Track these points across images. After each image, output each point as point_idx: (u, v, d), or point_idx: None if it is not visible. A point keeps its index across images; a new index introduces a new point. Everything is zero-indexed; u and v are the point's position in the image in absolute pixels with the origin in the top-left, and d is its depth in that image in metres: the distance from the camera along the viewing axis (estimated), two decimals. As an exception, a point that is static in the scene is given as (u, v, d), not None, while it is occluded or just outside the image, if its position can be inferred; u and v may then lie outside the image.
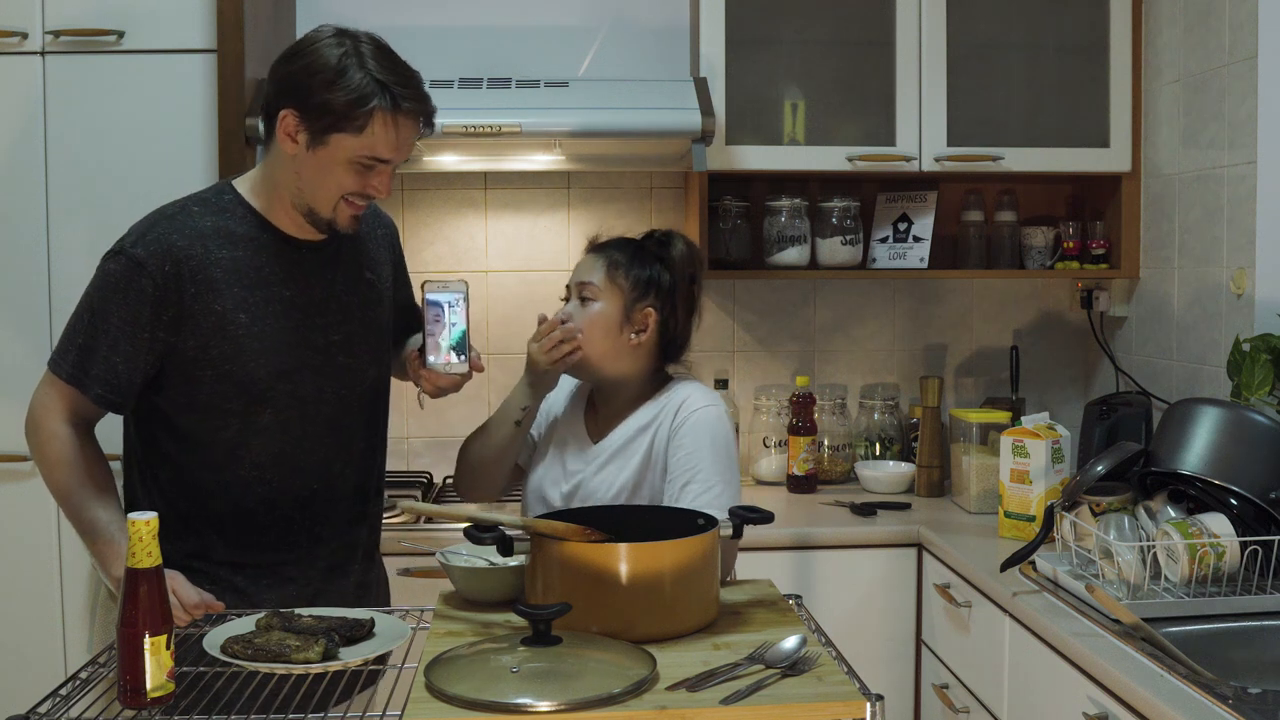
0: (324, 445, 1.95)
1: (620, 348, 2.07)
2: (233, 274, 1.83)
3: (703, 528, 1.66)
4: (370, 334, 1.99)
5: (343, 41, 1.78)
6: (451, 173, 3.27)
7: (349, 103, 1.74)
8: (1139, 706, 1.74)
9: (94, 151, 2.65)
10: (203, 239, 1.82)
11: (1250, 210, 2.59)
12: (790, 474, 3.22)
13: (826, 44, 3.21)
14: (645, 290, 2.07)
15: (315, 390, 1.91)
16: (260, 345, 1.84)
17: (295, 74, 1.78)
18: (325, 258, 1.93)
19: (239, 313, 1.82)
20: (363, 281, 1.99)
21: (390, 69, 1.78)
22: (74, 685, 1.47)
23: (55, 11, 2.63)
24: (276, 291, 1.86)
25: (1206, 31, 2.76)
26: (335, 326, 1.93)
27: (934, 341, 3.45)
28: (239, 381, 1.83)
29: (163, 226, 1.83)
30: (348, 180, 1.80)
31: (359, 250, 1.99)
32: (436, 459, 3.30)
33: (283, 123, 1.78)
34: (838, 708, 1.35)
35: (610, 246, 2.13)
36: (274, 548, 1.93)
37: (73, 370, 1.81)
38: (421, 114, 1.81)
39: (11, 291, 2.66)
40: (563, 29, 3.27)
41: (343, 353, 1.94)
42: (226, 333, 1.81)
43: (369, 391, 2.01)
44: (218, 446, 1.88)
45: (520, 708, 1.30)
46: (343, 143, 1.77)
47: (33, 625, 2.69)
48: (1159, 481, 2.22)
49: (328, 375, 1.92)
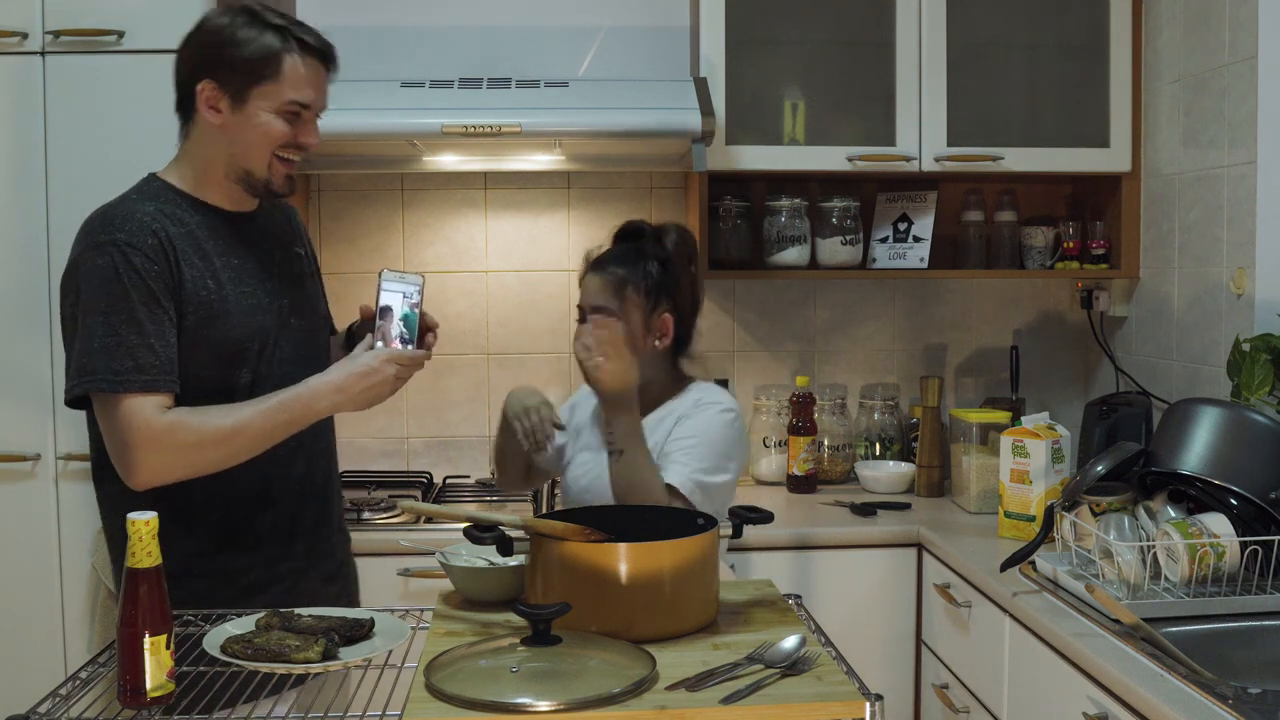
0: None
1: (648, 356, 2.14)
2: (191, 247, 1.87)
3: (702, 527, 1.66)
4: (314, 300, 2.08)
5: (226, 10, 1.89)
6: (451, 173, 3.27)
7: (258, 54, 1.84)
8: (1139, 706, 1.74)
9: (94, 151, 2.65)
10: (158, 217, 1.86)
11: (1250, 210, 2.59)
12: (790, 474, 3.23)
13: (826, 44, 3.21)
14: (658, 297, 2.14)
15: (278, 351, 1.96)
16: (229, 309, 1.89)
17: (200, 47, 1.88)
18: (257, 228, 2.00)
19: (206, 279, 1.87)
20: (293, 254, 2.06)
21: (280, 17, 1.88)
22: (74, 685, 1.47)
23: (55, 11, 2.63)
24: (227, 260, 1.92)
25: (1206, 31, 2.76)
26: (282, 291, 1.99)
27: (934, 341, 3.45)
28: (213, 344, 1.87)
29: (119, 213, 1.85)
30: (275, 132, 1.87)
31: (281, 226, 2.07)
32: (436, 459, 3.30)
33: (202, 96, 1.86)
34: (837, 708, 1.35)
35: (611, 263, 2.17)
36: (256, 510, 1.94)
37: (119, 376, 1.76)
38: (325, 51, 1.90)
39: (12, 291, 2.66)
40: (563, 29, 3.28)
41: (294, 315, 2.00)
42: (200, 299, 1.86)
43: (322, 352, 2.06)
44: None
45: (520, 708, 1.30)
46: (263, 95, 1.85)
47: (33, 625, 2.69)
48: (1159, 481, 2.22)
49: (285, 335, 1.97)
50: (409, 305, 1.90)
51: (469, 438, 3.32)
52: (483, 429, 3.32)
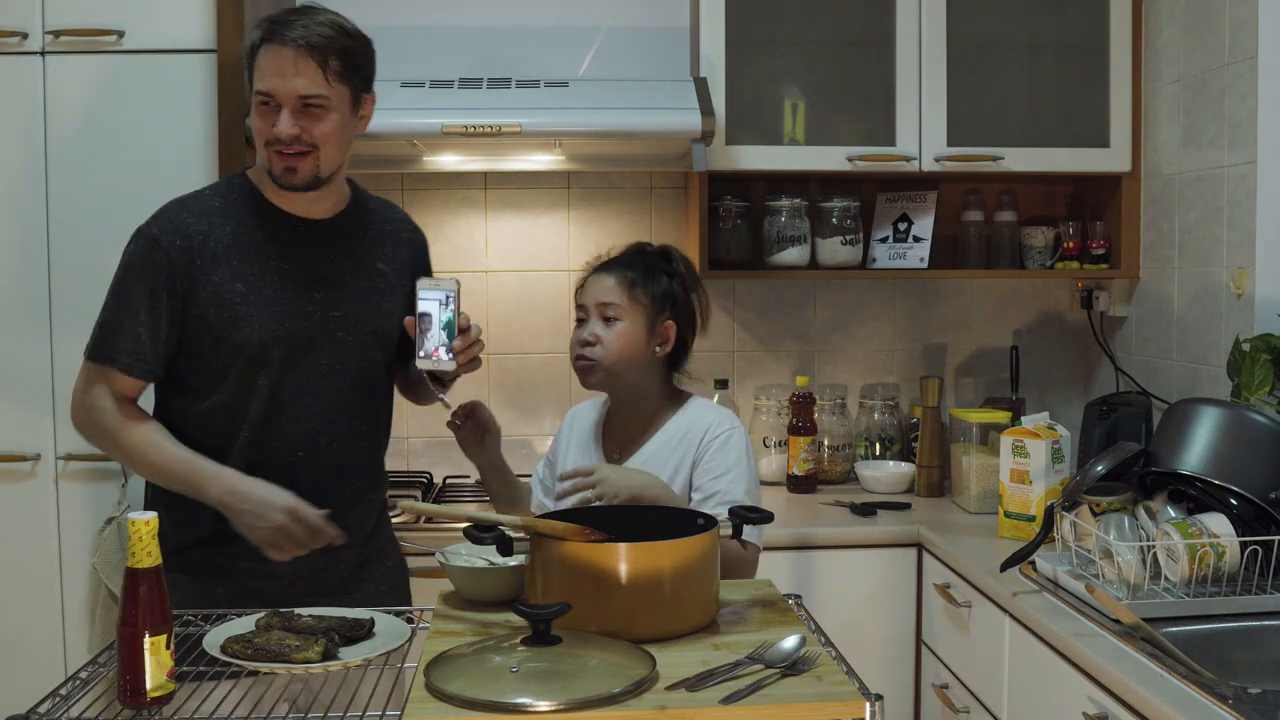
0: (311, 414, 2.00)
1: (647, 361, 2.13)
2: (233, 248, 1.95)
3: (702, 528, 1.66)
4: (373, 317, 2.05)
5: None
6: (451, 173, 3.27)
7: (246, 52, 1.94)
8: (1139, 706, 1.74)
9: (94, 151, 2.65)
10: (209, 216, 1.96)
11: (1250, 210, 2.59)
12: (790, 474, 3.22)
13: (826, 44, 3.21)
14: (664, 304, 2.14)
15: (309, 359, 1.98)
16: (254, 312, 1.94)
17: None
18: (328, 236, 2.02)
19: (235, 282, 1.94)
20: (372, 269, 2.07)
21: (280, 14, 1.92)
22: (74, 685, 1.47)
23: (55, 11, 2.63)
24: (274, 264, 1.96)
25: (1206, 31, 2.76)
26: (335, 303, 2.00)
27: (934, 341, 3.45)
28: (235, 345, 1.94)
29: (174, 207, 1.98)
30: (260, 125, 1.91)
31: (376, 241, 2.09)
32: (436, 459, 3.30)
33: None
34: (837, 708, 1.35)
35: (620, 264, 2.17)
36: None
37: (96, 347, 1.95)
38: (302, 41, 1.88)
39: (12, 291, 2.66)
40: (563, 29, 3.27)
41: (342, 328, 2.01)
42: (223, 300, 1.93)
43: (366, 371, 2.06)
44: (217, 412, 1.97)
45: (520, 707, 1.30)
46: (254, 87, 1.92)
47: (33, 625, 2.69)
48: (1159, 481, 2.22)
49: (322, 347, 1.99)
50: (449, 311, 1.91)
51: (469, 438, 3.32)
52: (483, 429, 3.32)
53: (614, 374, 2.11)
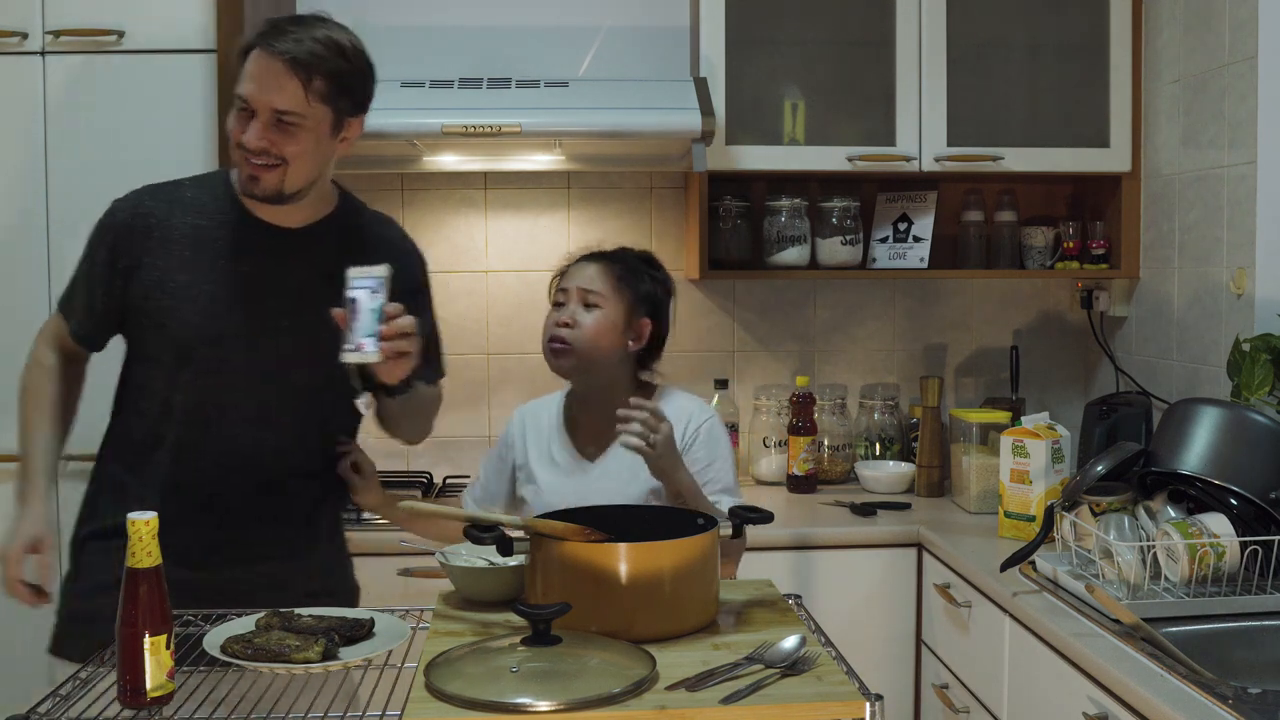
0: (242, 416, 1.95)
1: (619, 353, 2.16)
2: (189, 239, 1.94)
3: (702, 527, 1.66)
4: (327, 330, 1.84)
5: None
6: (451, 173, 3.27)
7: (241, 47, 1.89)
8: (1139, 706, 1.74)
9: (94, 151, 2.65)
10: (173, 204, 1.96)
11: (1250, 210, 2.59)
12: (790, 474, 3.22)
13: (826, 44, 3.21)
14: (644, 303, 2.18)
15: (245, 362, 1.94)
16: (194, 307, 1.92)
17: None
18: (296, 245, 1.96)
19: (180, 273, 1.92)
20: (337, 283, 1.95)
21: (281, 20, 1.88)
22: (74, 685, 1.47)
23: (55, 11, 2.64)
24: (229, 264, 1.94)
25: (1206, 31, 2.76)
26: (288, 312, 1.94)
27: (934, 341, 3.45)
28: (170, 336, 1.93)
29: (143, 190, 2.00)
30: (233, 128, 1.88)
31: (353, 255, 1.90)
32: (436, 459, 3.30)
33: None
34: (837, 708, 1.35)
35: (607, 257, 2.20)
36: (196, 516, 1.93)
37: (64, 299, 2.03)
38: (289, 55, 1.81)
39: (12, 291, 2.66)
40: (563, 29, 3.27)
41: (290, 336, 1.94)
42: (164, 288, 1.92)
43: (306, 383, 1.97)
44: (153, 396, 1.97)
45: (520, 707, 1.30)
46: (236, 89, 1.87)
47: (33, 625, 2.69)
48: (1159, 481, 2.22)
49: (264, 351, 1.94)
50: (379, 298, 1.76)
51: (469, 438, 3.31)
52: (483, 429, 3.32)
53: (586, 361, 2.12)
